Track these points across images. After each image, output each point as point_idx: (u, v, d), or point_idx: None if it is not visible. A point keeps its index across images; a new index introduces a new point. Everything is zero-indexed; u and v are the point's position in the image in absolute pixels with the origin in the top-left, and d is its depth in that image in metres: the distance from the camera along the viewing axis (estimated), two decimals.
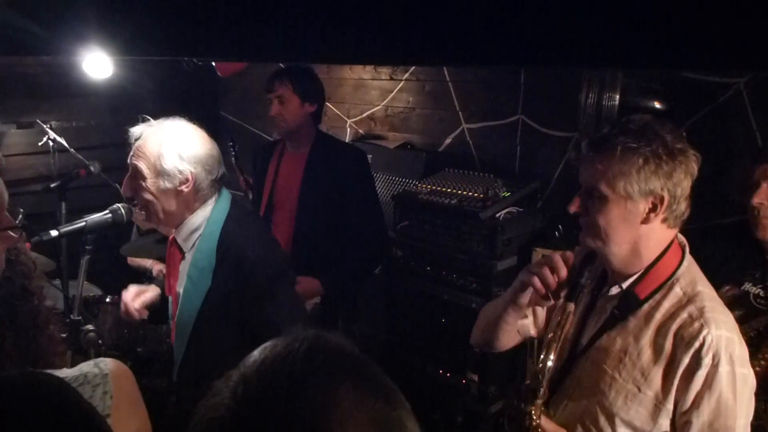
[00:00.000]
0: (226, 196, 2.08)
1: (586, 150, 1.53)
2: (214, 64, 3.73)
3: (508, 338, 1.81)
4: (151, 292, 2.23)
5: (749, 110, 2.54)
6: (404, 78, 3.85)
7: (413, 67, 3.77)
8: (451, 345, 3.00)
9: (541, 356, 1.58)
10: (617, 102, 2.23)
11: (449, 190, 3.08)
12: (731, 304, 2.05)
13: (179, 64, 4.45)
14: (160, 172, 1.94)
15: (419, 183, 3.23)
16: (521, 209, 2.93)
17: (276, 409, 0.65)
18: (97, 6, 1.13)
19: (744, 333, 2.00)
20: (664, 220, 1.51)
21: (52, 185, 3.03)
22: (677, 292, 1.53)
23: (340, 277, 2.89)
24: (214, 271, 1.99)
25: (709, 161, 2.82)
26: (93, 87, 3.95)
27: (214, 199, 2.04)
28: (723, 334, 1.44)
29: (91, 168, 3.22)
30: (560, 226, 2.84)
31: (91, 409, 0.93)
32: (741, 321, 2.03)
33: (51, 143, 3.58)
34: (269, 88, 2.91)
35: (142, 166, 1.93)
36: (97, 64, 3.25)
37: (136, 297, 2.17)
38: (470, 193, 2.99)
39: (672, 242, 1.57)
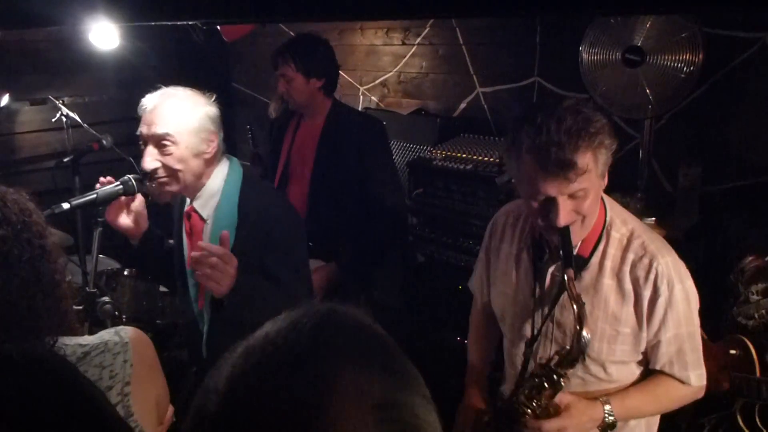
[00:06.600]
0: (234, 159, 2.11)
1: (555, 166, 1.44)
2: (219, 28, 3.67)
3: None
4: (137, 200, 2.12)
5: None
6: (417, 42, 3.77)
7: (426, 31, 3.69)
8: (467, 312, 2.98)
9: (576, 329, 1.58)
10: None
11: (464, 155, 3.03)
12: (754, 275, 2.00)
13: (188, 35, 4.41)
14: (192, 135, 1.95)
15: (434, 149, 3.19)
16: None
17: (265, 398, 0.60)
18: None
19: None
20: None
21: (65, 159, 3.03)
22: (615, 236, 1.62)
23: (355, 261, 2.81)
24: (236, 230, 2.02)
25: (733, 119, 2.74)
26: (102, 61, 3.93)
27: (225, 162, 2.08)
28: (668, 259, 1.57)
29: (104, 141, 3.21)
30: None
31: (90, 386, 0.93)
32: (765, 294, 1.97)
33: (64, 119, 3.58)
34: (274, 66, 2.83)
35: (173, 131, 1.93)
36: (103, 34, 3.22)
37: (120, 211, 2.10)
38: (485, 158, 2.94)
39: None
